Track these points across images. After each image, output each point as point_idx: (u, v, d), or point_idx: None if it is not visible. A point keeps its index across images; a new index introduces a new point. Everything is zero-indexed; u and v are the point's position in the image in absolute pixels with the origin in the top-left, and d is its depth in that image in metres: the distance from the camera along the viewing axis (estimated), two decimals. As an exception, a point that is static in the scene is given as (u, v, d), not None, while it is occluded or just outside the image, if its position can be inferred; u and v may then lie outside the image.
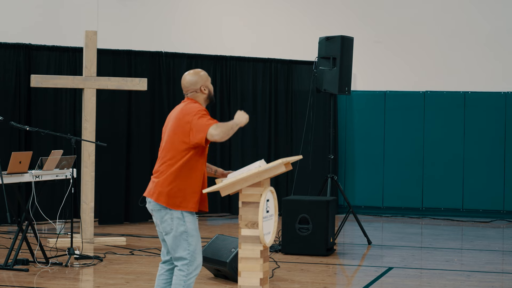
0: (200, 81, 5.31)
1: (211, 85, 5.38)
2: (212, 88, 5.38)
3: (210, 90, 5.35)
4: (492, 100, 13.10)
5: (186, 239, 5.12)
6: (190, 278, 5.13)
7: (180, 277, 5.13)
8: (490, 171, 13.08)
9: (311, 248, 9.08)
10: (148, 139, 12.13)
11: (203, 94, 5.31)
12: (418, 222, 12.66)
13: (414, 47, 13.53)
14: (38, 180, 8.27)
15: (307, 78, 12.89)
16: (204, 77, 5.34)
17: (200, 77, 5.33)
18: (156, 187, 5.17)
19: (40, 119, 11.46)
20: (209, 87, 5.34)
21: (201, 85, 5.31)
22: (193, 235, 5.14)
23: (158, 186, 5.16)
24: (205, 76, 5.35)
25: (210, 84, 5.36)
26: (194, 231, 5.16)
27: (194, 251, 5.14)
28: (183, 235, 5.12)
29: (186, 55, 12.52)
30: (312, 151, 11.19)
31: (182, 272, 5.14)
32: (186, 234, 5.12)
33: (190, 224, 5.14)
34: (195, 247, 5.15)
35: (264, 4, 13.66)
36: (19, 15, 12.27)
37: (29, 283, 7.44)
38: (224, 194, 5.14)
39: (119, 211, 11.88)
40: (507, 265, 8.93)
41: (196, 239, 5.17)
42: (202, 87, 5.31)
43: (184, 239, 5.13)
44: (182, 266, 5.14)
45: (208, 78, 5.36)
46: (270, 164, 5.10)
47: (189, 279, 5.13)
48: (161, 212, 5.15)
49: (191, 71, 5.39)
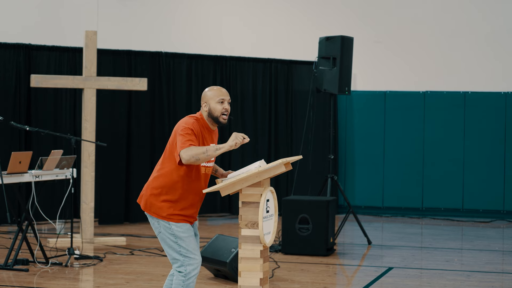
0: (204, 98, 5.19)
1: (220, 106, 5.13)
2: (219, 109, 5.13)
3: (211, 108, 5.14)
4: (492, 100, 13.10)
5: (176, 241, 5.11)
6: (189, 279, 5.12)
7: (179, 278, 5.13)
8: (490, 171, 13.08)
9: (311, 248, 9.08)
10: (148, 139, 12.13)
11: (205, 111, 5.18)
12: (418, 222, 12.66)
13: (414, 47, 13.53)
14: (38, 180, 8.27)
15: (307, 78, 12.89)
16: (210, 94, 5.16)
17: (207, 93, 5.18)
18: (143, 189, 5.23)
19: (40, 119, 11.46)
20: (210, 105, 5.14)
21: (204, 101, 5.18)
22: (182, 238, 5.10)
23: (143, 189, 5.22)
24: (212, 94, 5.16)
25: (216, 103, 5.13)
26: (182, 233, 5.10)
27: (187, 252, 5.11)
28: (171, 237, 5.11)
29: (186, 55, 12.52)
30: (312, 151, 11.19)
31: (180, 274, 5.13)
32: (174, 236, 5.11)
33: (176, 226, 5.10)
34: (187, 248, 5.10)
35: (264, 4, 13.66)
36: (19, 15, 12.26)
37: (29, 283, 7.44)
38: (224, 194, 5.14)
39: (119, 211, 11.88)
40: (507, 265, 8.93)
41: (187, 240, 5.11)
42: (203, 104, 5.19)
43: (173, 242, 5.11)
44: (177, 268, 5.14)
45: (215, 96, 5.14)
46: (270, 164, 5.10)
47: (188, 279, 5.12)
48: (150, 218, 5.19)
49: (208, 87, 5.24)
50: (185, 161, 4.93)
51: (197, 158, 4.90)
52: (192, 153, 4.90)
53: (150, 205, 5.13)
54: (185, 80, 12.52)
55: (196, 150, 4.91)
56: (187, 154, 4.90)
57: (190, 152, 4.90)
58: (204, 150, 4.91)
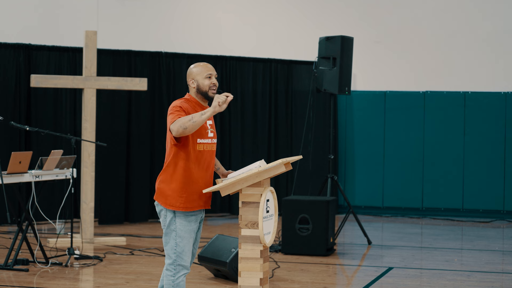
0: (190, 75, 5.21)
1: (208, 81, 5.15)
2: (207, 84, 5.15)
3: (200, 84, 5.16)
4: (492, 100, 13.10)
5: (175, 239, 5.12)
6: (178, 278, 5.13)
7: (168, 277, 5.16)
8: (490, 171, 13.08)
9: (311, 248, 9.08)
10: (148, 139, 12.13)
11: (193, 88, 5.20)
12: (418, 222, 12.66)
13: (414, 47, 13.53)
14: (38, 180, 8.27)
15: (307, 78, 12.89)
16: (195, 70, 5.18)
17: (192, 70, 5.20)
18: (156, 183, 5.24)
19: (40, 119, 11.46)
20: (198, 81, 5.16)
21: (190, 78, 5.20)
22: (182, 237, 5.12)
23: (156, 183, 5.23)
24: (198, 70, 5.17)
25: (203, 79, 5.15)
26: (185, 233, 5.12)
27: (182, 252, 5.12)
28: (172, 234, 5.13)
29: (186, 55, 12.52)
30: (312, 151, 11.19)
31: (169, 272, 5.15)
32: (175, 234, 5.12)
33: (180, 225, 5.12)
34: (183, 248, 5.12)
35: (264, 4, 13.66)
36: (19, 15, 12.26)
37: (29, 283, 7.44)
38: (224, 194, 5.14)
39: (119, 211, 11.88)
40: (507, 265, 8.92)
41: (186, 241, 5.12)
42: (190, 81, 5.20)
43: (173, 238, 5.13)
44: (168, 265, 5.15)
45: (202, 72, 5.15)
46: (270, 164, 5.10)
47: (177, 279, 5.13)
48: (158, 206, 5.20)
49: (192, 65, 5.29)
50: (175, 133, 4.95)
51: (184, 127, 4.90)
52: (179, 124, 4.92)
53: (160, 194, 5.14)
54: (185, 80, 12.52)
55: (182, 120, 4.92)
56: (175, 126, 4.93)
57: (177, 123, 4.92)
58: (190, 118, 4.92)
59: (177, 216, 5.12)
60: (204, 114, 4.92)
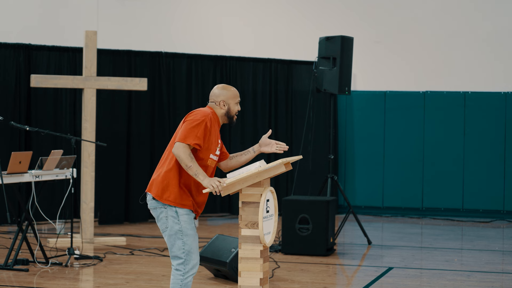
0: (222, 96, 5.29)
1: (237, 107, 5.32)
2: (236, 110, 5.31)
3: (231, 109, 5.29)
4: (492, 100, 13.10)
5: (181, 238, 5.13)
6: (187, 277, 5.15)
7: (177, 276, 5.15)
8: (490, 171, 13.08)
9: (311, 248, 9.08)
10: (148, 139, 12.13)
11: (221, 109, 5.29)
12: (418, 222, 12.66)
13: (414, 47, 13.53)
14: (38, 180, 8.27)
15: (307, 78, 12.89)
16: (230, 94, 5.30)
17: (225, 92, 5.30)
18: (152, 180, 5.22)
19: (40, 119, 11.46)
20: (229, 105, 5.29)
21: (222, 99, 5.28)
22: (188, 234, 5.14)
23: (153, 179, 5.21)
24: (232, 94, 5.31)
25: (234, 104, 5.30)
26: (190, 230, 5.15)
27: (190, 250, 5.14)
28: (177, 234, 5.13)
29: (186, 55, 12.52)
30: (312, 151, 11.19)
31: (178, 272, 5.15)
32: (181, 233, 5.13)
33: (184, 223, 5.13)
34: (191, 246, 5.15)
35: (264, 4, 13.66)
36: (19, 15, 12.27)
37: (29, 283, 7.44)
38: (224, 194, 5.14)
39: (119, 211, 11.88)
40: (507, 265, 8.92)
41: (192, 238, 5.16)
42: (222, 102, 5.28)
43: (179, 238, 5.13)
44: (178, 265, 5.16)
45: (234, 97, 5.31)
46: (270, 164, 5.11)
47: (186, 278, 5.14)
48: (156, 210, 5.18)
49: (221, 85, 5.37)
50: (173, 153, 5.04)
51: (180, 161, 5.02)
52: (182, 155, 5.00)
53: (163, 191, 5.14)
54: (185, 80, 12.52)
55: (185, 157, 5.00)
56: (179, 151, 5.02)
57: (182, 154, 5.00)
58: (189, 164, 4.99)
59: (180, 214, 5.13)
60: (197, 175, 5.00)
